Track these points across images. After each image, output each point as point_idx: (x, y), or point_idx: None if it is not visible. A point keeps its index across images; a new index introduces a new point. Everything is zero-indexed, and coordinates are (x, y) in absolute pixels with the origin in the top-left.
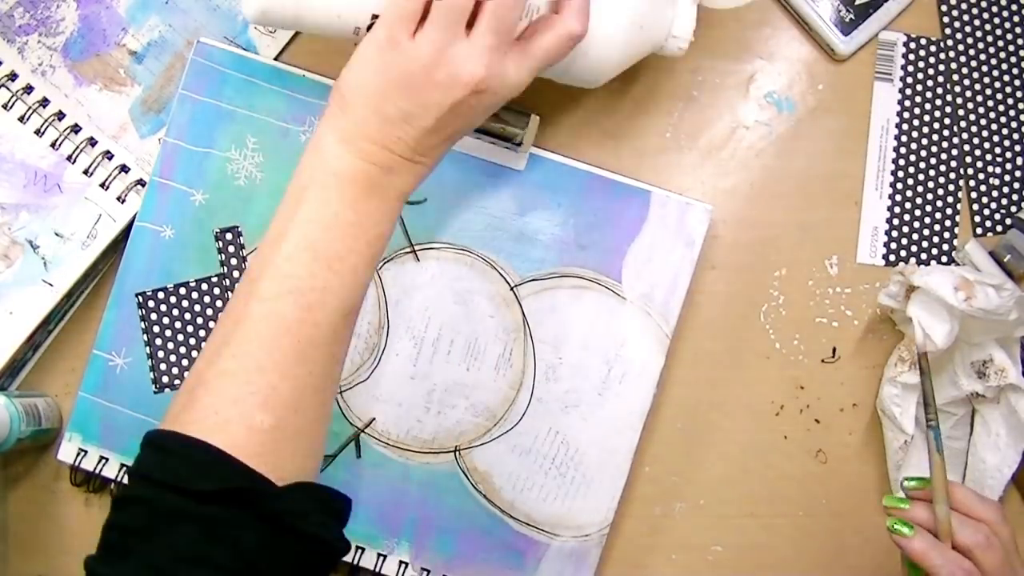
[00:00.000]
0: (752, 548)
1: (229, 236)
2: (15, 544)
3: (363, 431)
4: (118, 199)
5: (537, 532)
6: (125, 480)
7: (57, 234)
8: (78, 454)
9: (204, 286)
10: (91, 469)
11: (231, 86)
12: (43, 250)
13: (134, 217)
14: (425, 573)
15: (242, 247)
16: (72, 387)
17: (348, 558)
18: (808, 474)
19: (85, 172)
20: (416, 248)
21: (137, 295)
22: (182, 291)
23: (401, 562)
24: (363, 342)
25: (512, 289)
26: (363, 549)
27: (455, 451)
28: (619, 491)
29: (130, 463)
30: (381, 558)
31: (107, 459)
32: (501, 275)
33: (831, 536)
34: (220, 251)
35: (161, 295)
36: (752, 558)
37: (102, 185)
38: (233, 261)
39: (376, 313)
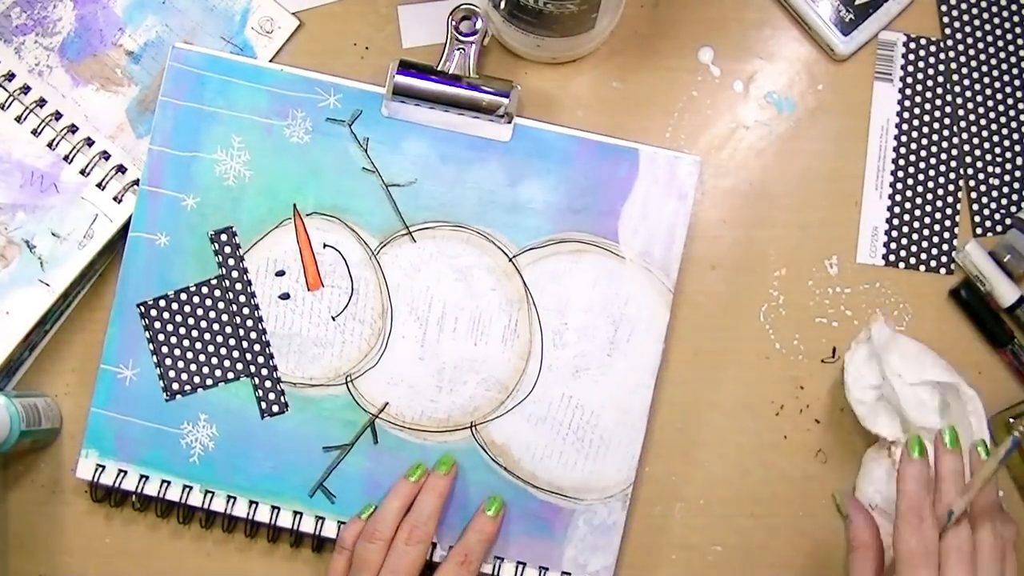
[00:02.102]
0: (752, 548)
1: (224, 237)
2: (15, 544)
3: (377, 417)
4: (115, 199)
5: (561, 499)
6: (145, 491)
7: (54, 234)
8: (96, 470)
9: (204, 289)
10: (111, 484)
11: (210, 88)
12: (40, 250)
13: (131, 217)
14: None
15: (238, 247)
16: (72, 387)
17: None
18: (808, 474)
19: (82, 172)
20: (411, 229)
21: (139, 305)
22: (183, 297)
23: None
24: (368, 328)
25: (511, 260)
26: None
27: (471, 427)
28: (638, 449)
29: (148, 473)
30: None
31: (125, 472)
32: (498, 247)
33: (831, 536)
34: (216, 253)
35: (163, 303)
36: (752, 558)
37: (99, 185)
38: (231, 262)
39: (378, 298)
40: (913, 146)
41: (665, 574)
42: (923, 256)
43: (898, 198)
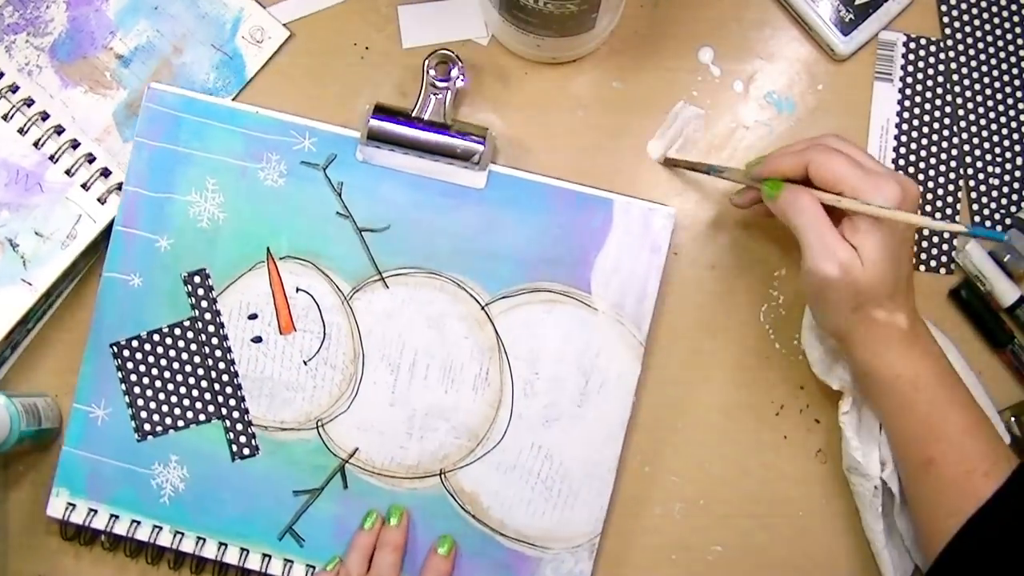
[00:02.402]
0: (752, 548)
1: (197, 279)
2: (15, 544)
3: (347, 462)
4: (99, 200)
5: (528, 547)
6: (115, 530)
7: (37, 233)
8: (67, 508)
9: (177, 331)
10: (81, 522)
11: (185, 129)
12: (23, 249)
13: (113, 219)
14: None
15: (211, 289)
16: (72, 387)
17: None
18: (808, 474)
19: (67, 172)
20: (384, 275)
21: (112, 346)
22: (156, 338)
23: None
24: (340, 373)
25: (483, 308)
26: None
27: (440, 474)
28: (606, 500)
29: (119, 513)
30: None
31: (96, 511)
32: (471, 295)
33: (831, 536)
34: (190, 295)
35: (136, 343)
36: (752, 558)
37: (83, 186)
38: (204, 304)
39: (350, 343)
40: (913, 146)
41: (665, 574)
42: (923, 256)
43: None
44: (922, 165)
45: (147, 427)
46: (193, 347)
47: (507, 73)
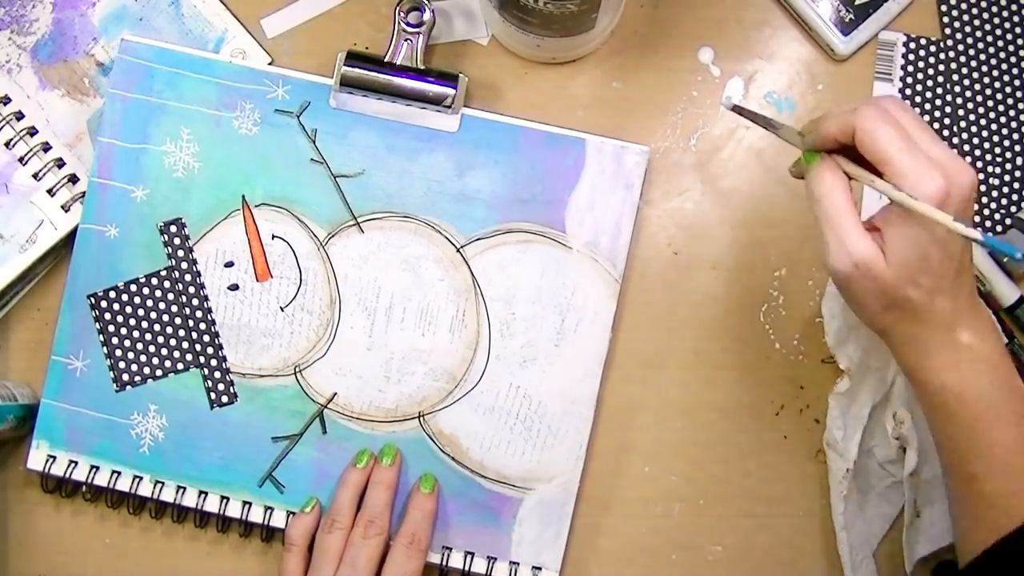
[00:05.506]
0: (752, 548)
1: (174, 229)
2: (15, 544)
3: (326, 407)
4: (63, 207)
5: (509, 488)
6: (95, 481)
7: None
8: (47, 460)
9: (154, 280)
10: (61, 474)
11: (159, 80)
12: None
13: (75, 227)
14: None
15: (187, 238)
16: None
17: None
18: (808, 474)
19: (35, 176)
20: (359, 220)
21: (89, 297)
22: (133, 288)
23: None
24: (316, 319)
25: (458, 250)
26: None
27: (419, 417)
28: (586, 439)
29: (99, 464)
30: None
31: (76, 463)
32: (446, 238)
33: (831, 536)
34: (166, 244)
35: (113, 294)
36: (752, 558)
37: (49, 191)
38: (180, 253)
39: (327, 288)
40: None
41: (665, 574)
42: None
43: None
44: None
45: (125, 377)
46: (170, 296)
47: (507, 73)
